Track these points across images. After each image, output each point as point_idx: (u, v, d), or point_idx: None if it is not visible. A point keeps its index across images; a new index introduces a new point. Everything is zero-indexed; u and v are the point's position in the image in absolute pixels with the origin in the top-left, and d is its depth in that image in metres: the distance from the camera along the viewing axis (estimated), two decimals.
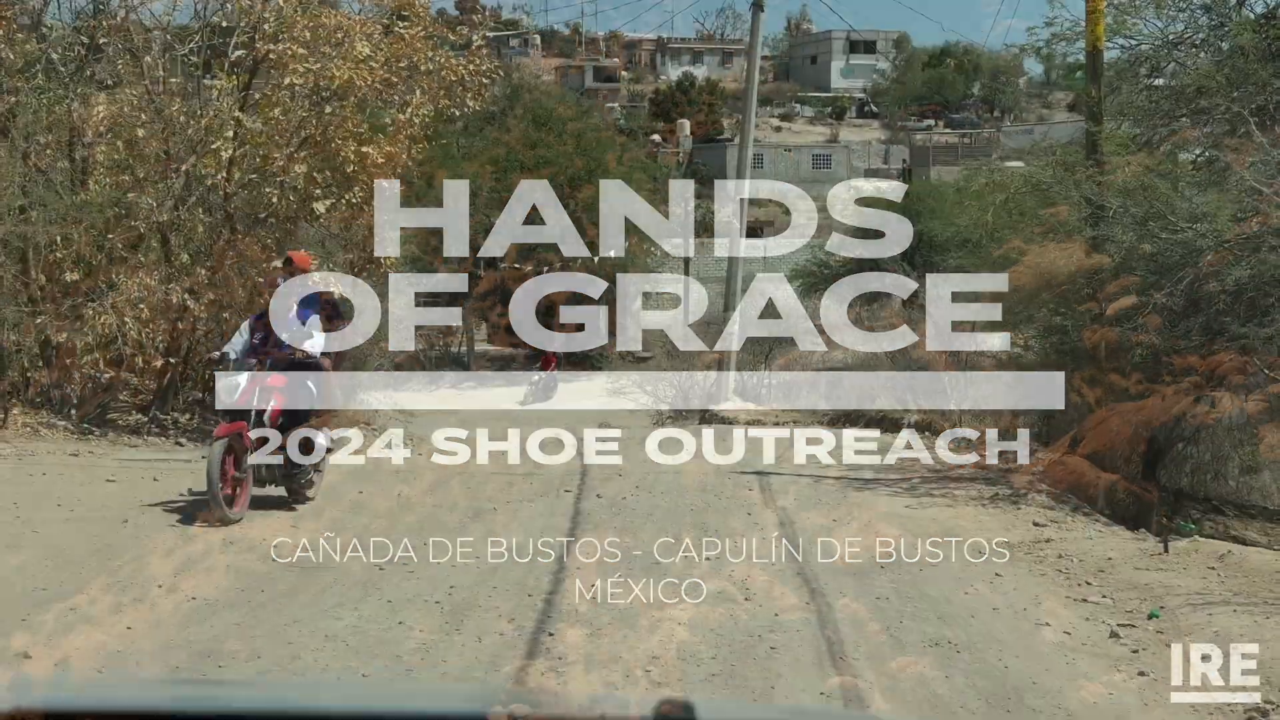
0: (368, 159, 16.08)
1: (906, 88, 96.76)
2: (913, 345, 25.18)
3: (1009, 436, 19.86)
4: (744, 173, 26.50)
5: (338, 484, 13.07)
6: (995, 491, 14.06)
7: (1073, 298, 14.34)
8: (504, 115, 54.40)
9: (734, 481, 14.17)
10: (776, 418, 25.62)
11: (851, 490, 13.94)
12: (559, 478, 14.14)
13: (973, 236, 17.03)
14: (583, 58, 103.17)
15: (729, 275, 27.25)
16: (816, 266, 47.19)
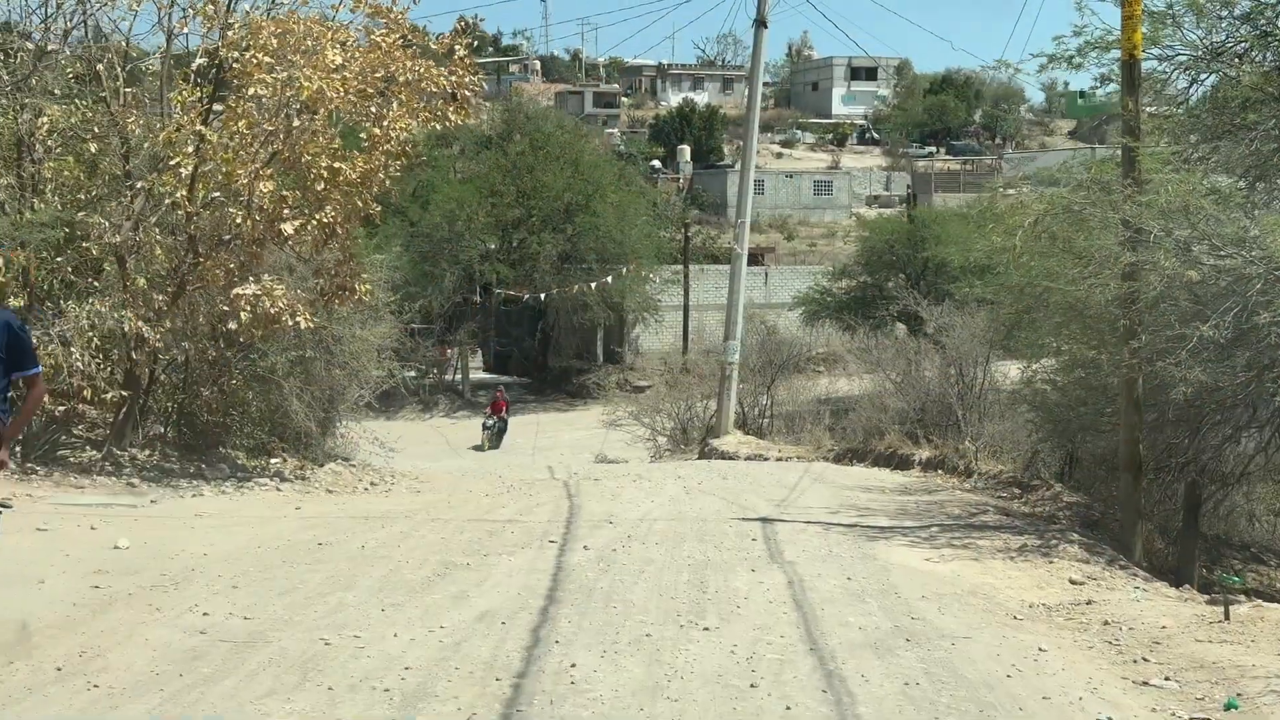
0: (341, 176, 14.78)
1: (908, 114, 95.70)
2: (921, 375, 23.92)
3: (1029, 475, 18.58)
4: (745, 193, 25.22)
5: (298, 532, 11.72)
6: (1023, 542, 12.70)
7: (1106, 328, 13.00)
8: (502, 140, 53.21)
9: (736, 530, 12.82)
10: (779, 452, 24.29)
11: (864, 540, 12.58)
12: (543, 525, 12.80)
13: (992, 262, 15.70)
14: (582, 84, 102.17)
15: (729, 303, 25.95)
16: (820, 294, 45.99)
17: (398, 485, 17.28)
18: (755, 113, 25.46)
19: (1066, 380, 15.02)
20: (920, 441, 21.27)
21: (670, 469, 21.08)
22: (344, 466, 18.18)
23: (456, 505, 14.31)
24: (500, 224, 45.89)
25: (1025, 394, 17.13)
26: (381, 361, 19.39)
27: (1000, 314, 16.67)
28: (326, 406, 19.05)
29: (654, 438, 30.28)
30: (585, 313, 45.22)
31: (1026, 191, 13.28)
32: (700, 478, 18.66)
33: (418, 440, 42.12)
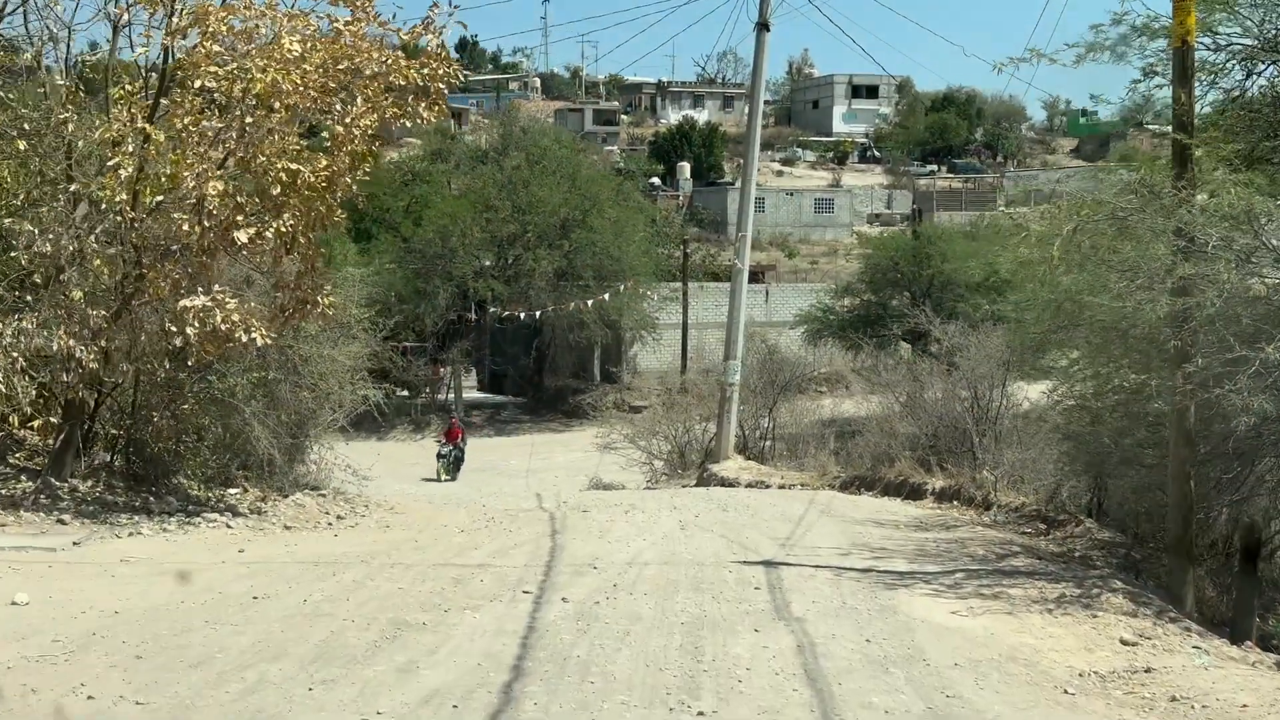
0: (300, 179, 13.23)
1: (909, 132, 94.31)
2: (934, 398, 22.34)
3: (1053, 508, 16.98)
4: (747, 204, 23.71)
5: (234, 581, 10.14)
6: (1061, 591, 11.12)
7: (1154, 350, 11.44)
8: (499, 154, 51.75)
9: (736, 577, 11.24)
10: (782, 479, 22.69)
11: (882, 588, 11.00)
12: (519, 571, 11.21)
13: (1016, 278, 14.16)
14: (582, 101, 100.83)
15: (730, 320, 24.41)
16: (822, 313, 44.43)
17: (368, 518, 15.70)
18: (757, 119, 23.95)
19: (1101, 406, 13.41)
20: (933, 469, 19.66)
21: (666, 498, 19.48)
22: (311, 497, 16.59)
23: (425, 545, 12.73)
24: (495, 240, 44.34)
25: (1057, 422, 15.52)
26: (354, 382, 17.78)
27: (1026, 334, 15.06)
28: (295, 431, 17.48)
29: (650, 461, 28.66)
30: (582, 331, 43.66)
31: (1065, 194, 11.66)
32: (698, 509, 17.09)
33: (408, 462, 40.62)
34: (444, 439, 34.47)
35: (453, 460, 33.45)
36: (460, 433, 34.96)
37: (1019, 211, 64.31)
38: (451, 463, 33.34)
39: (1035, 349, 15.19)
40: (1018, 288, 15.12)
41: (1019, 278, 14.20)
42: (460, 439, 34.56)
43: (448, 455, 33.35)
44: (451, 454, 33.50)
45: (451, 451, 33.58)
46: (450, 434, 34.61)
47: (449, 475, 32.81)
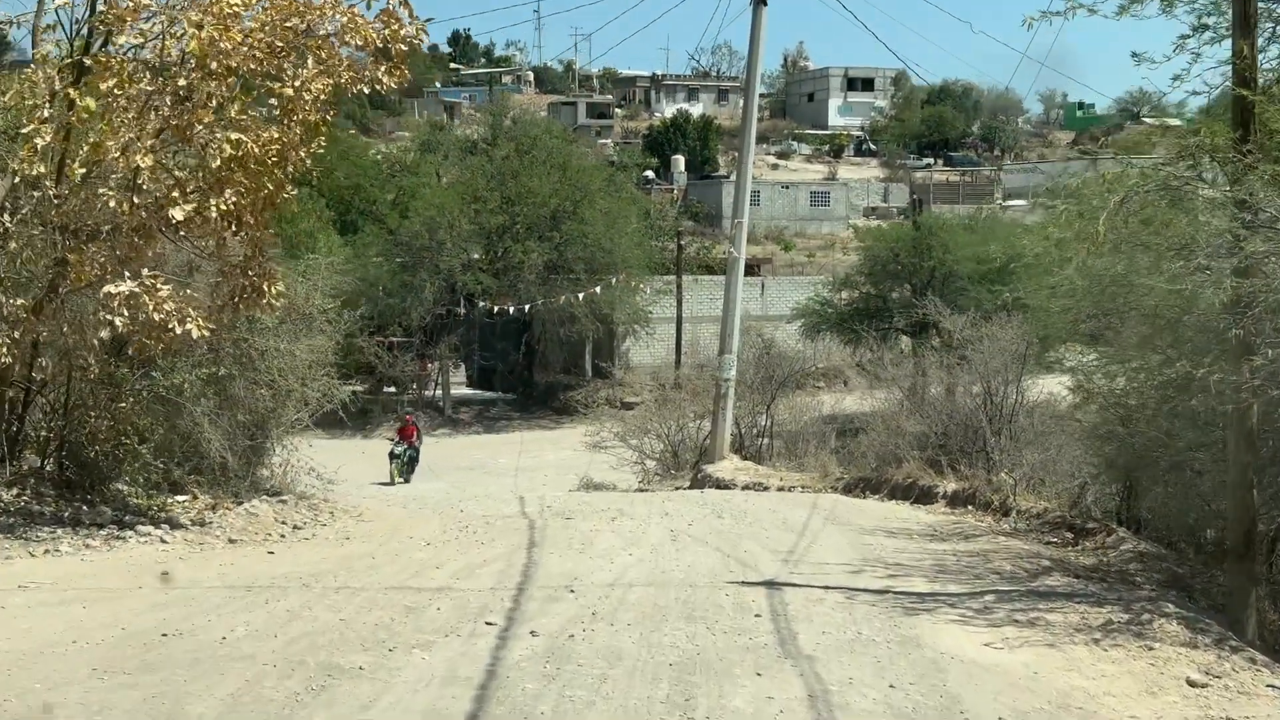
0: (244, 150, 11.66)
1: (905, 125, 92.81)
2: (944, 394, 20.82)
3: (1077, 514, 15.46)
4: (743, 188, 22.17)
5: (145, 613, 8.59)
6: (1106, 617, 9.59)
7: (1211, 341, 9.91)
8: (489, 145, 50.19)
9: (734, 601, 9.71)
10: (781, 480, 21.17)
11: (901, 614, 9.47)
12: (485, 595, 9.68)
13: (1042, 262, 12.62)
14: (576, 94, 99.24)
15: (725, 312, 22.88)
16: (820, 306, 42.87)
17: (329, 527, 14.19)
18: (754, 98, 22.38)
19: (1140, 403, 11.88)
20: (944, 471, 18.12)
21: (657, 502, 17.96)
22: (269, 504, 15.05)
23: (382, 562, 11.18)
24: (484, 232, 42.72)
25: (1086, 421, 14.00)
26: (318, 378, 16.23)
27: (1053, 324, 13.55)
28: (253, 432, 15.95)
29: (642, 461, 27.13)
30: (573, 325, 42.09)
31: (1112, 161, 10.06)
32: (691, 516, 15.58)
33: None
34: (397, 437, 32.01)
35: (407, 461, 31.08)
36: (415, 431, 32.49)
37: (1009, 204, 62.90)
38: (405, 464, 30.98)
39: (1061, 340, 13.65)
40: (1044, 273, 13.52)
41: (1046, 261, 12.62)
42: (415, 437, 32.12)
43: (401, 455, 30.95)
44: (406, 454, 31.14)
45: (406, 451, 31.21)
46: (404, 432, 32.14)
47: (402, 477, 30.48)
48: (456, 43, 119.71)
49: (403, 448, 30.97)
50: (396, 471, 30.34)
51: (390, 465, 30.41)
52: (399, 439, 31.46)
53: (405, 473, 30.57)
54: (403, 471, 30.48)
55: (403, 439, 31.37)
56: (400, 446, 30.99)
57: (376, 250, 43.30)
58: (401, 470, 30.51)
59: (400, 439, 31.41)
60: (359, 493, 22.98)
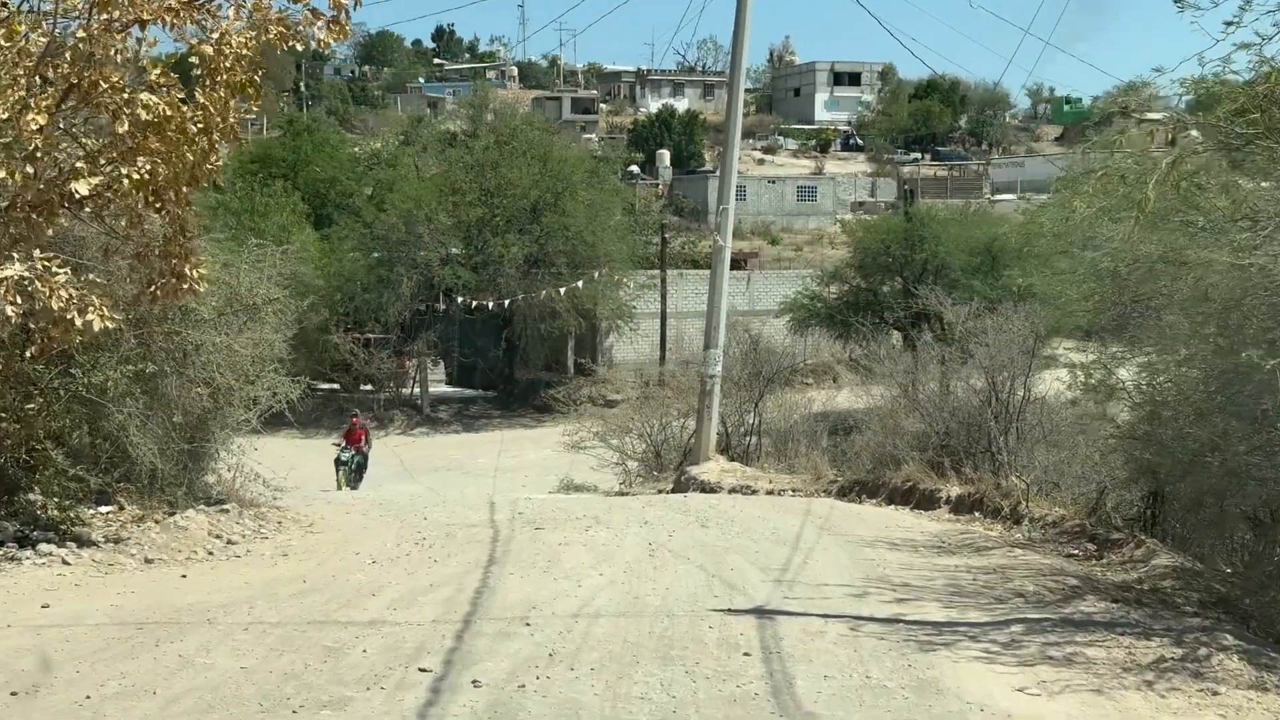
0: (156, 113, 10.07)
1: (892, 120, 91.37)
2: (946, 391, 19.32)
3: (1095, 521, 13.97)
4: (729, 172, 20.64)
5: (2, 660, 7.03)
6: (1157, 652, 8.09)
7: (1251, 319, 8.39)
8: (468, 137, 48.60)
9: (718, 634, 8.18)
10: (770, 482, 19.66)
11: (915, 650, 7.96)
12: (425, 630, 8.12)
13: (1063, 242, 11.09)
14: (560, 89, 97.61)
15: (711, 304, 21.35)
16: (809, 300, 41.34)
17: (269, 541, 12.68)
18: (740, 75, 20.79)
19: (1185, 400, 10.35)
20: (947, 474, 16.65)
21: (636, 508, 16.42)
22: (208, 515, 13.51)
23: (314, 587, 9.62)
24: (463, 225, 41.11)
25: (1119, 421, 12.49)
26: (261, 375, 14.65)
27: (1076, 312, 12.04)
28: (192, 435, 14.36)
29: (623, 462, 25.59)
30: (554, 320, 40.52)
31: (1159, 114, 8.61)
32: (672, 525, 14.07)
33: (370, 460, 37.60)
34: (343, 441, 29.00)
35: (354, 467, 28.45)
36: (364, 434, 29.67)
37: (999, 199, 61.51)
38: (353, 470, 28.34)
39: (1083, 332, 12.17)
40: (1062, 255, 12.00)
41: (1065, 243, 11.10)
42: (363, 441, 29.39)
43: (348, 462, 28.28)
44: (353, 459, 28.46)
45: (353, 457, 28.51)
46: (351, 435, 29.16)
47: (350, 484, 27.80)
48: (440, 38, 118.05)
49: (350, 453, 28.39)
50: (344, 479, 27.81)
51: (337, 473, 27.87)
52: (345, 443, 28.79)
53: (353, 480, 28.05)
54: (350, 479, 27.95)
55: (349, 443, 28.72)
56: (347, 452, 28.40)
57: (352, 244, 41.69)
58: (349, 477, 28.01)
59: (347, 443, 28.76)
60: (324, 497, 21.46)
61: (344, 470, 27.75)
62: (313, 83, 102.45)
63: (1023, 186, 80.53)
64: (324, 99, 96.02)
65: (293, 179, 46.92)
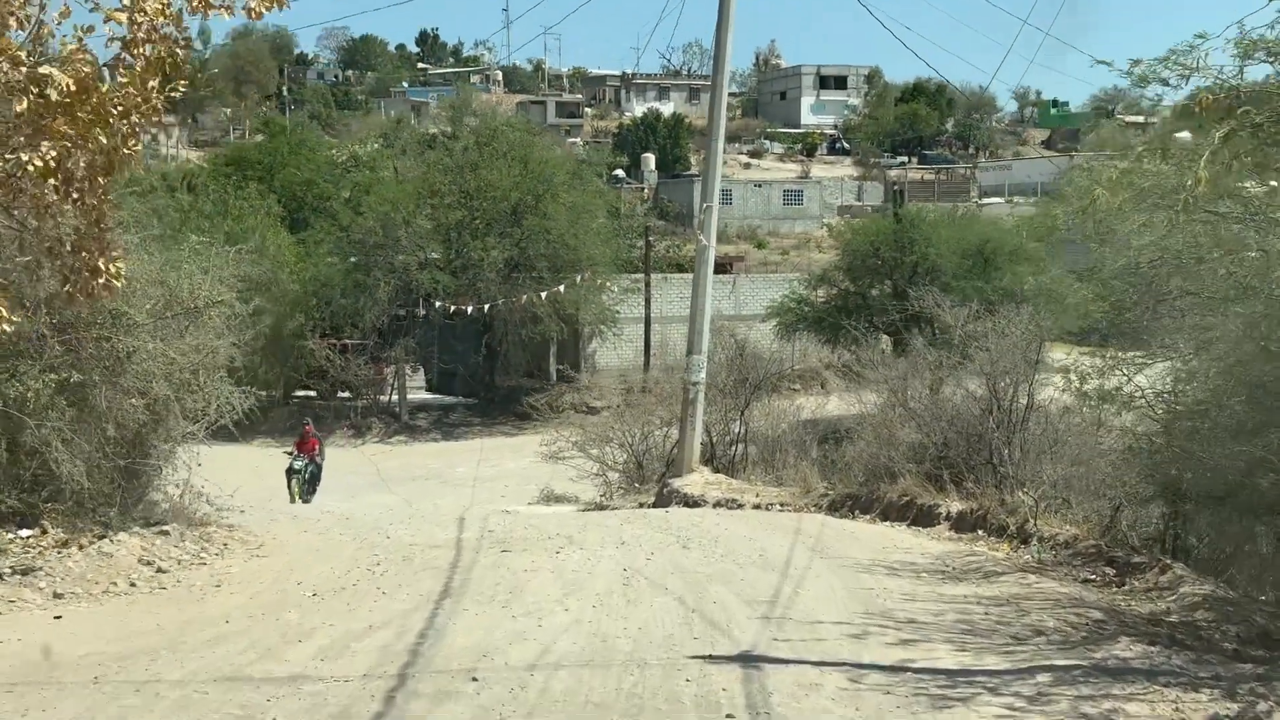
0: (71, 94, 8.81)
1: (879, 123, 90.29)
2: (944, 398, 18.14)
3: (1114, 545, 12.79)
4: (714, 169, 19.45)
5: None
6: (1208, 710, 6.88)
7: None
8: (448, 139, 47.32)
9: (697, 690, 6.96)
10: (758, 496, 18.45)
11: (928, 708, 6.79)
12: (350, 690, 6.86)
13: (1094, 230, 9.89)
14: (545, 93, 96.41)
15: (694, 307, 20.15)
16: (796, 304, 40.16)
17: (207, 567, 11.49)
18: (724, 64, 19.54)
19: (1215, 406, 9.16)
20: (946, 487, 15.45)
21: (615, 525, 15.20)
22: (143, 538, 12.29)
23: (235, 629, 8.37)
24: (442, 228, 39.83)
25: (1135, 433, 11.30)
26: (203, 384, 13.39)
27: (1092, 313, 10.85)
28: (129, 450, 13.11)
29: (603, 473, 24.34)
30: (535, 326, 39.20)
31: None
32: (651, 546, 12.87)
33: (345, 470, 36.24)
34: (295, 451, 26.57)
35: (307, 477, 26.11)
36: (316, 443, 27.18)
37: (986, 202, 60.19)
38: (306, 480, 26.19)
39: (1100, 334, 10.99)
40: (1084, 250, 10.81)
41: (1084, 235, 9.90)
42: (317, 450, 26.94)
43: (301, 471, 25.90)
44: (306, 469, 26.12)
45: (306, 466, 26.14)
46: (303, 445, 26.77)
47: (303, 497, 25.79)
48: (424, 42, 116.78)
49: (303, 462, 26.11)
50: (297, 490, 25.80)
51: (289, 483, 25.84)
52: (297, 453, 26.43)
53: (306, 492, 26.07)
54: (303, 490, 25.95)
55: (302, 452, 26.43)
56: (300, 461, 26.10)
57: (328, 248, 40.37)
58: (301, 488, 25.96)
59: (299, 452, 26.44)
60: (290, 511, 20.19)
61: (297, 480, 25.70)
62: (295, 87, 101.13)
63: (1010, 190, 79.68)
64: (307, 104, 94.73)
65: (269, 182, 45.62)
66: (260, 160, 47.68)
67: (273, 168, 47.11)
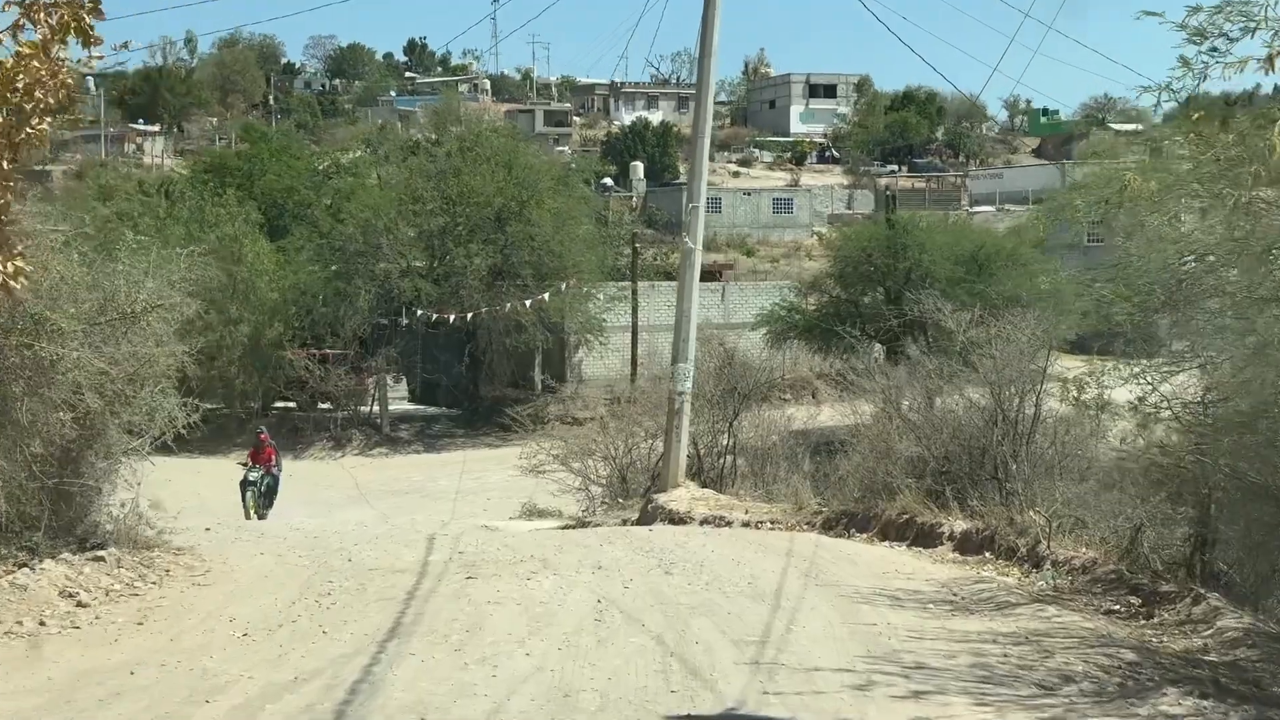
0: None
1: (868, 132, 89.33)
2: (945, 409, 16.99)
3: (1136, 569, 11.63)
4: (699, 169, 18.33)
5: None
6: None
7: None
8: (432, 145, 46.13)
9: None
10: (746, 513, 17.27)
11: None
12: None
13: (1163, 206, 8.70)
14: (533, 102, 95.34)
15: (679, 312, 19.00)
16: (786, 311, 38.99)
17: (138, 599, 10.32)
18: (712, 51, 18.36)
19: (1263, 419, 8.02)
20: (948, 505, 14.29)
21: (594, 546, 14.04)
22: (68, 566, 11.12)
23: (142, 681, 7.18)
24: (424, 235, 38.68)
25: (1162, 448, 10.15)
26: (139, 395, 12.17)
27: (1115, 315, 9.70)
28: (60, 469, 11.90)
29: (586, 487, 23.16)
30: (520, 335, 38.08)
31: None
32: (631, 570, 11.75)
33: (323, 484, 35.13)
34: (249, 461, 24.17)
35: (263, 490, 23.62)
36: (273, 452, 24.54)
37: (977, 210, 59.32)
38: (262, 494, 23.55)
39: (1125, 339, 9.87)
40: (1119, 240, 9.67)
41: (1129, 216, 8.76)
42: (273, 462, 24.30)
43: (257, 483, 23.40)
44: (263, 480, 23.60)
45: (263, 477, 23.63)
46: (258, 455, 24.23)
47: (259, 512, 23.20)
48: (412, 51, 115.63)
49: (258, 473, 23.62)
50: (252, 504, 23.34)
51: (243, 497, 23.29)
52: (252, 463, 24.01)
53: (262, 506, 23.68)
54: (258, 504, 23.52)
55: (257, 463, 23.96)
56: (255, 472, 23.62)
57: (308, 256, 39.16)
58: (257, 502, 23.34)
59: (253, 463, 23.99)
60: (255, 528, 18.94)
61: (252, 493, 23.34)
62: (282, 96, 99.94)
63: (1002, 198, 78.69)
64: (293, 113, 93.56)
65: (248, 189, 44.41)
66: (240, 167, 46.50)
67: (253, 174, 45.90)
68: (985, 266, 34.36)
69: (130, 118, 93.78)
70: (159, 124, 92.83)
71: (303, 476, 36.69)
